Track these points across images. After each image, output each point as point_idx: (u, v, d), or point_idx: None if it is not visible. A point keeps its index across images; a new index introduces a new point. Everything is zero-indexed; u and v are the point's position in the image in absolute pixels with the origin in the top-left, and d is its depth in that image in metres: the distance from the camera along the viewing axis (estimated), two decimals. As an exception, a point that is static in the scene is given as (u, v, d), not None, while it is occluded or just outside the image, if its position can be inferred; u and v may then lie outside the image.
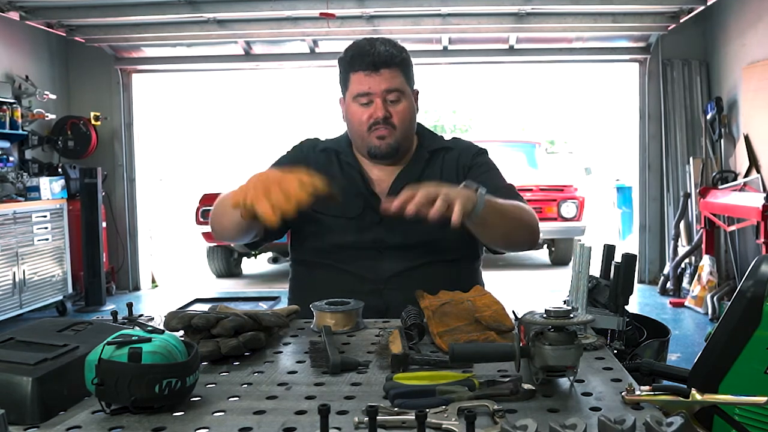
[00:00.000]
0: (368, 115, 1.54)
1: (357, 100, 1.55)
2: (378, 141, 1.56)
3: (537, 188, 7.10)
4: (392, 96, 1.54)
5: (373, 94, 1.53)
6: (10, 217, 4.76)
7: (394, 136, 1.56)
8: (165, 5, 5.19)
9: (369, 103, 1.54)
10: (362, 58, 1.53)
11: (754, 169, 4.93)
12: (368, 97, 1.54)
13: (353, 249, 1.55)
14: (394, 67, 1.54)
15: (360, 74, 1.54)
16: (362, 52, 1.54)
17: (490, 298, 1.34)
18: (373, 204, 1.58)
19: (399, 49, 1.58)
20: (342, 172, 1.63)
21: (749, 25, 5.09)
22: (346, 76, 1.58)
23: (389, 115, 1.54)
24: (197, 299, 5.60)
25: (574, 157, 16.34)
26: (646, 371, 1.13)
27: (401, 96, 1.56)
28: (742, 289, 1.03)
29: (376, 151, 1.57)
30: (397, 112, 1.55)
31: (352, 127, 1.60)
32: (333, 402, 0.91)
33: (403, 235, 1.54)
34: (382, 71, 1.52)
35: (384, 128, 1.54)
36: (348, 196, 1.58)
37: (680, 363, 2.09)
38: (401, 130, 1.57)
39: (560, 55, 6.27)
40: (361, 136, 1.58)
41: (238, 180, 1.34)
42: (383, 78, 1.53)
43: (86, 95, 6.27)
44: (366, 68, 1.52)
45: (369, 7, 5.21)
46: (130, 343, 0.87)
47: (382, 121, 1.54)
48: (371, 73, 1.52)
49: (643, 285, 6.09)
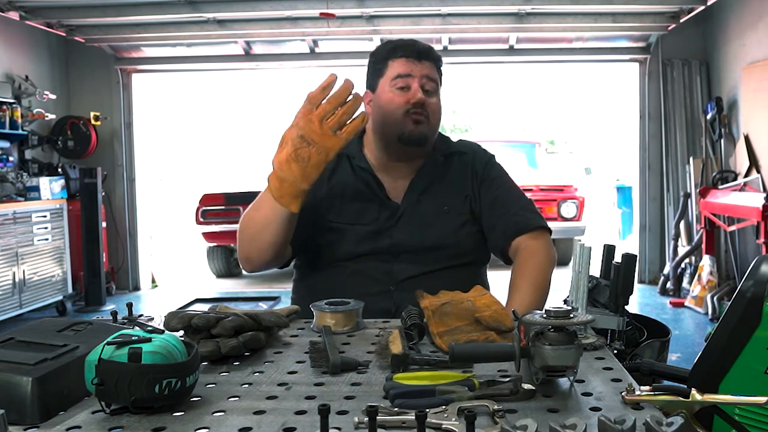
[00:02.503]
0: (406, 100, 1.53)
1: (395, 83, 1.55)
2: (413, 125, 1.53)
3: (537, 188, 7.09)
4: (430, 85, 1.56)
5: (414, 77, 1.54)
6: (10, 217, 4.76)
7: (428, 125, 1.56)
8: (165, 5, 5.19)
9: (406, 88, 1.54)
10: (406, 47, 1.56)
11: (754, 169, 4.93)
12: (407, 80, 1.54)
13: (370, 255, 1.54)
14: (433, 62, 1.58)
15: (402, 60, 1.56)
16: (406, 43, 1.58)
17: (490, 298, 1.34)
18: (387, 207, 1.58)
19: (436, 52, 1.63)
20: (355, 176, 1.61)
21: (749, 25, 5.09)
22: (383, 64, 1.58)
23: (426, 103, 1.54)
24: (197, 299, 5.61)
25: (574, 157, 16.36)
26: (646, 371, 1.13)
27: (436, 89, 1.58)
28: (742, 289, 1.03)
29: (409, 135, 1.53)
30: (431, 104, 1.56)
31: (386, 112, 1.55)
32: (333, 402, 0.90)
33: (419, 239, 1.54)
34: (423, 61, 1.56)
35: (421, 114, 1.54)
36: (362, 202, 1.57)
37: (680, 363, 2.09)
38: (433, 122, 1.58)
39: (560, 55, 6.27)
40: (396, 120, 1.54)
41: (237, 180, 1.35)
42: (424, 66, 1.56)
43: (86, 95, 6.27)
44: (409, 55, 1.55)
45: (369, 7, 5.21)
46: (130, 343, 0.87)
47: (420, 105, 1.53)
48: (414, 60, 1.55)
49: (643, 285, 6.09)
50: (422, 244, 1.54)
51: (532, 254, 1.50)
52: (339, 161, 1.61)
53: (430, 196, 1.60)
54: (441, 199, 1.59)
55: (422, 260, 1.54)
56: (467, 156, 1.67)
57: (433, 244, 1.54)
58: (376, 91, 1.58)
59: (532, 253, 1.50)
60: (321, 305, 1.34)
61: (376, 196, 1.58)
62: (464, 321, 1.23)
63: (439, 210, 1.57)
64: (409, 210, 1.58)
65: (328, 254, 1.57)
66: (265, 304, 5.31)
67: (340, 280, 1.53)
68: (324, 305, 1.34)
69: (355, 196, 1.58)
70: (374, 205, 1.57)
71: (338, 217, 1.56)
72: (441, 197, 1.60)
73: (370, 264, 1.53)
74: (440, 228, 1.54)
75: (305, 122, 1.31)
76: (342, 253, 1.55)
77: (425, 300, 1.34)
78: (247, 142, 15.01)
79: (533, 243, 1.53)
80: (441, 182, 1.62)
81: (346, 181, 1.60)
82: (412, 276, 1.52)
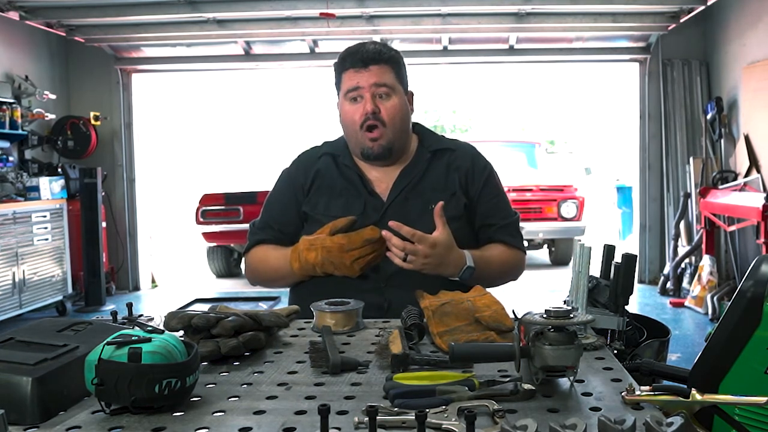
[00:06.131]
0: (359, 114, 1.56)
1: (348, 96, 1.58)
2: (371, 143, 1.57)
3: (537, 188, 7.10)
4: (381, 90, 1.56)
5: (362, 88, 1.55)
6: (9, 217, 4.76)
7: (386, 137, 1.57)
8: (165, 5, 5.20)
9: (359, 98, 1.56)
10: (352, 56, 1.57)
11: (754, 169, 4.93)
12: (358, 92, 1.56)
13: None
14: (382, 63, 1.57)
15: (350, 71, 1.57)
16: (352, 51, 1.59)
17: (490, 298, 1.34)
18: (373, 203, 1.60)
19: (389, 48, 1.62)
20: (341, 174, 1.64)
21: (749, 25, 5.09)
22: (339, 77, 1.61)
23: (378, 110, 1.55)
24: (197, 299, 5.61)
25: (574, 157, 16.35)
26: (646, 371, 1.13)
27: (391, 92, 1.57)
28: (742, 289, 1.03)
29: (368, 152, 1.59)
30: (386, 108, 1.56)
31: (346, 128, 1.62)
32: (333, 402, 0.91)
33: None
34: (370, 67, 1.56)
35: (376, 127, 1.56)
36: (349, 197, 1.59)
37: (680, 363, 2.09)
38: (392, 127, 1.58)
39: (560, 55, 6.27)
40: (355, 136, 1.59)
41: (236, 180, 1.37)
42: (372, 73, 1.55)
43: (86, 95, 6.27)
44: (355, 64, 1.56)
45: (369, 7, 5.21)
46: (130, 343, 0.87)
47: (372, 116, 1.55)
48: (360, 69, 1.56)
49: (643, 285, 6.09)
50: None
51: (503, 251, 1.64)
52: (326, 162, 1.67)
53: (416, 192, 1.61)
54: (427, 196, 1.60)
55: None
56: (457, 153, 1.68)
57: None
58: (339, 103, 1.63)
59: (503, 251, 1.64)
60: (321, 305, 1.34)
61: (362, 191, 1.61)
62: (464, 321, 1.23)
63: (424, 206, 1.58)
64: (395, 206, 1.60)
65: None
66: (265, 304, 5.31)
67: (332, 278, 1.54)
68: (324, 305, 1.34)
69: (341, 191, 1.62)
70: (360, 200, 1.60)
71: (325, 211, 1.60)
72: (427, 194, 1.61)
73: None
74: (426, 224, 1.56)
75: (338, 258, 1.47)
76: None
77: (425, 300, 1.34)
78: (247, 142, 15.01)
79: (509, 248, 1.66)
80: (427, 178, 1.63)
81: (333, 177, 1.64)
82: (400, 270, 1.52)
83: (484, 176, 1.67)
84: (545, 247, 7.81)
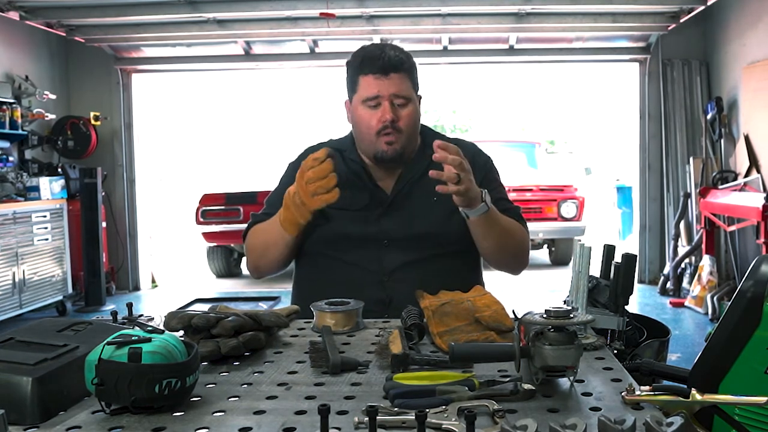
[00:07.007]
0: (377, 119, 1.56)
1: (366, 103, 1.58)
2: (386, 146, 1.58)
3: (537, 188, 7.10)
4: (400, 100, 1.57)
5: (382, 97, 1.55)
6: (9, 217, 4.76)
7: (400, 142, 1.59)
8: (165, 5, 5.19)
9: (377, 106, 1.57)
10: (372, 62, 1.56)
11: (754, 169, 4.93)
12: (377, 100, 1.56)
13: (358, 240, 1.58)
14: (402, 72, 1.57)
15: (370, 77, 1.56)
16: (372, 56, 1.57)
17: (490, 298, 1.34)
18: (377, 196, 1.62)
19: (407, 55, 1.62)
20: (347, 167, 1.65)
21: (749, 25, 5.09)
22: (354, 79, 1.60)
23: (396, 119, 1.56)
24: (197, 299, 5.61)
25: (574, 157, 16.36)
26: (646, 371, 1.13)
27: (408, 101, 1.59)
28: (742, 289, 1.03)
29: (383, 155, 1.59)
30: (403, 117, 1.58)
31: (360, 131, 1.62)
32: (333, 402, 0.91)
33: (408, 228, 1.58)
34: (391, 75, 1.55)
35: (392, 133, 1.57)
36: (353, 189, 1.60)
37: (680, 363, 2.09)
38: (407, 134, 1.59)
39: (560, 55, 6.27)
40: (370, 140, 1.60)
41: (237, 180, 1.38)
42: (392, 82, 1.55)
43: (86, 95, 6.27)
44: (376, 72, 1.55)
45: (369, 7, 5.21)
46: (130, 343, 0.87)
47: (390, 124, 1.56)
48: (381, 76, 1.55)
49: (643, 285, 6.09)
50: (411, 232, 1.57)
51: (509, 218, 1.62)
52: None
53: (419, 187, 1.62)
54: (430, 190, 1.60)
55: (411, 248, 1.57)
56: None
57: (421, 233, 1.57)
58: (352, 104, 1.63)
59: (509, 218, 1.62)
60: (321, 305, 1.34)
61: (367, 184, 1.63)
62: (464, 321, 1.23)
63: (428, 200, 1.59)
64: (399, 200, 1.62)
65: (318, 235, 1.61)
66: (265, 304, 5.30)
67: (334, 272, 1.56)
68: (324, 305, 1.34)
69: (346, 183, 1.61)
70: (364, 192, 1.62)
71: None
72: (430, 188, 1.61)
73: (359, 253, 1.57)
74: (429, 217, 1.57)
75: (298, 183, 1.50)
76: (331, 235, 1.59)
77: (425, 300, 1.35)
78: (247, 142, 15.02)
79: None
80: (429, 175, 1.63)
81: (339, 170, 1.63)
82: (402, 264, 1.54)
83: (485, 169, 1.68)
84: (545, 247, 7.81)
